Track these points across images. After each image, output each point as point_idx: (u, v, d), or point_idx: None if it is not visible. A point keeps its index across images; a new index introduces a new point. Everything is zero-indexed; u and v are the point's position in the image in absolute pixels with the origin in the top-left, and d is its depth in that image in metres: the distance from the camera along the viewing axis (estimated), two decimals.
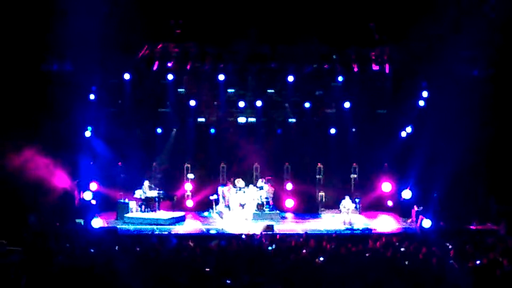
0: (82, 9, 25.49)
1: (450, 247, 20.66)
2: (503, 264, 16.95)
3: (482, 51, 28.59)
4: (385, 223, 30.89)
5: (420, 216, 28.89)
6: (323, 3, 28.18)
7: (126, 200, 30.97)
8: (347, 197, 30.72)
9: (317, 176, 34.83)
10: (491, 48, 28.25)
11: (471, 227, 28.04)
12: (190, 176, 34.25)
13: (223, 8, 28.10)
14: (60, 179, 28.74)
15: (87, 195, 28.80)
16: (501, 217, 27.88)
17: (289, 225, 29.70)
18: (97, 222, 26.98)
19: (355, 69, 32.59)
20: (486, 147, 29.55)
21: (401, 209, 31.76)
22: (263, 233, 26.31)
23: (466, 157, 28.23)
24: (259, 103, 33.67)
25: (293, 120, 34.65)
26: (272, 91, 33.95)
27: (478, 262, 17.41)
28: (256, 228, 27.79)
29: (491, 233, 26.61)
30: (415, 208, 30.41)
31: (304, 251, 19.53)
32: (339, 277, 15.33)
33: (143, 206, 31.14)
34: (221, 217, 31.37)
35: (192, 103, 33.29)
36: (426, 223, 27.53)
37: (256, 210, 31.24)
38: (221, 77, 32.65)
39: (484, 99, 28.57)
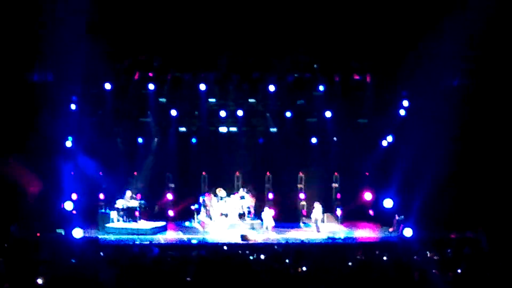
0: (64, 19, 25.45)
1: (431, 255, 20.72)
2: (482, 272, 17.02)
3: (461, 61, 28.77)
4: (367, 232, 30.96)
5: (402, 225, 28.99)
6: (305, 14, 28.26)
7: (107, 210, 30.91)
8: (316, 204, 30.89)
9: (299, 186, 34.89)
10: (470, 59, 28.48)
11: (452, 235, 28.11)
12: (171, 185, 34.24)
13: (204, 20, 28.22)
14: (39, 188, 28.63)
15: (68, 205, 28.67)
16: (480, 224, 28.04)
17: (270, 235, 29.68)
18: (78, 232, 26.86)
19: (336, 79, 32.63)
20: (466, 155, 29.71)
21: (383, 218, 31.81)
22: (245, 242, 26.49)
23: (447, 166, 28.33)
24: (240, 113, 33.66)
25: (275, 129, 34.61)
26: (254, 100, 33.90)
27: (459, 270, 17.47)
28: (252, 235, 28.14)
29: (471, 241, 26.69)
30: (396, 217, 30.53)
31: (286, 260, 19.52)
32: (321, 286, 15.35)
33: (124, 216, 31.08)
34: (203, 227, 31.34)
35: (173, 112, 33.22)
36: (407, 232, 27.60)
37: (237, 220, 31.31)
38: (202, 86, 32.61)
39: (464, 109, 28.75)
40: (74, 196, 30.07)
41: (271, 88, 32.65)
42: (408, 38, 28.24)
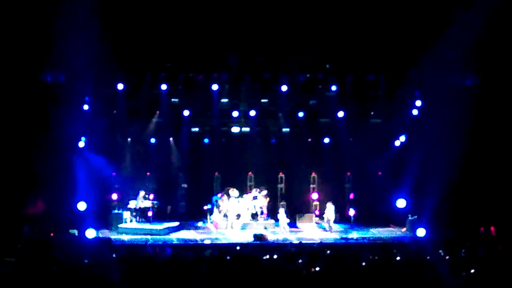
0: (76, 20, 25.49)
1: (444, 255, 20.65)
2: (496, 273, 16.93)
3: (473, 60, 28.67)
4: (380, 232, 30.91)
5: (415, 225, 28.93)
6: (317, 14, 28.23)
7: (120, 211, 30.97)
8: (328, 204, 30.91)
9: (311, 186, 34.88)
10: (481, 58, 28.39)
11: (466, 235, 27.99)
12: (184, 185, 34.27)
13: (216, 20, 28.22)
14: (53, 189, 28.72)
15: (81, 206, 28.70)
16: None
17: (283, 235, 29.66)
18: (91, 233, 26.90)
19: (349, 79, 32.51)
20: (479, 155, 29.63)
21: (396, 218, 31.75)
22: (257, 242, 26.57)
23: (460, 166, 28.25)
24: (252, 113, 33.58)
25: (287, 129, 34.60)
26: (266, 100, 33.83)
27: (472, 270, 17.40)
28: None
29: (485, 241, 26.59)
30: (410, 217, 30.46)
31: (299, 261, 19.49)
32: (334, 287, 15.31)
33: (137, 217, 31.14)
34: (215, 227, 31.35)
35: (186, 113, 33.19)
36: (420, 232, 27.53)
37: (250, 220, 31.36)
38: (215, 86, 32.55)
39: (477, 108, 28.66)
40: (87, 197, 30.06)
41: (284, 88, 32.53)
42: (420, 37, 28.14)
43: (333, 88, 32.66)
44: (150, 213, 31.51)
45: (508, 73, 29.08)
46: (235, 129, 34.54)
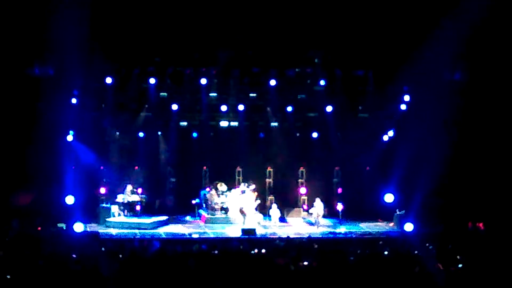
0: (64, 14, 25.42)
1: (431, 250, 20.71)
2: (485, 266, 16.98)
3: (462, 56, 28.75)
4: (367, 227, 30.95)
5: (402, 220, 28.98)
6: (306, 9, 28.24)
7: (108, 205, 30.90)
8: (317, 199, 30.94)
9: (300, 180, 34.89)
10: (470, 53, 28.48)
11: (453, 230, 28.07)
12: (172, 180, 34.22)
13: (205, 14, 28.20)
14: (41, 183, 28.64)
15: (69, 199, 28.64)
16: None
17: (271, 229, 29.67)
18: (79, 227, 26.85)
19: (337, 73, 32.50)
20: (467, 150, 29.73)
21: (384, 213, 31.79)
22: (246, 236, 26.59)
23: (448, 161, 28.33)
24: (241, 107, 33.55)
25: (275, 124, 34.56)
26: (254, 95, 33.77)
27: (460, 265, 17.46)
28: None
29: (472, 235, 26.70)
30: (397, 211, 30.51)
31: (287, 255, 19.49)
32: (322, 281, 15.33)
33: (125, 211, 31.09)
34: (203, 221, 31.36)
35: (174, 107, 33.12)
36: (408, 226, 27.59)
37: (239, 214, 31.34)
38: (203, 81, 32.50)
39: (465, 103, 28.75)
40: (75, 190, 30.02)
41: (272, 82, 32.52)
42: (409, 33, 28.20)
43: (322, 82, 32.68)
44: (138, 207, 31.46)
45: (496, 68, 29.17)
46: (224, 124, 34.49)
